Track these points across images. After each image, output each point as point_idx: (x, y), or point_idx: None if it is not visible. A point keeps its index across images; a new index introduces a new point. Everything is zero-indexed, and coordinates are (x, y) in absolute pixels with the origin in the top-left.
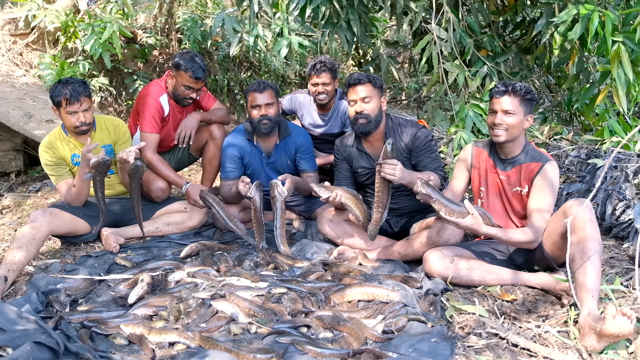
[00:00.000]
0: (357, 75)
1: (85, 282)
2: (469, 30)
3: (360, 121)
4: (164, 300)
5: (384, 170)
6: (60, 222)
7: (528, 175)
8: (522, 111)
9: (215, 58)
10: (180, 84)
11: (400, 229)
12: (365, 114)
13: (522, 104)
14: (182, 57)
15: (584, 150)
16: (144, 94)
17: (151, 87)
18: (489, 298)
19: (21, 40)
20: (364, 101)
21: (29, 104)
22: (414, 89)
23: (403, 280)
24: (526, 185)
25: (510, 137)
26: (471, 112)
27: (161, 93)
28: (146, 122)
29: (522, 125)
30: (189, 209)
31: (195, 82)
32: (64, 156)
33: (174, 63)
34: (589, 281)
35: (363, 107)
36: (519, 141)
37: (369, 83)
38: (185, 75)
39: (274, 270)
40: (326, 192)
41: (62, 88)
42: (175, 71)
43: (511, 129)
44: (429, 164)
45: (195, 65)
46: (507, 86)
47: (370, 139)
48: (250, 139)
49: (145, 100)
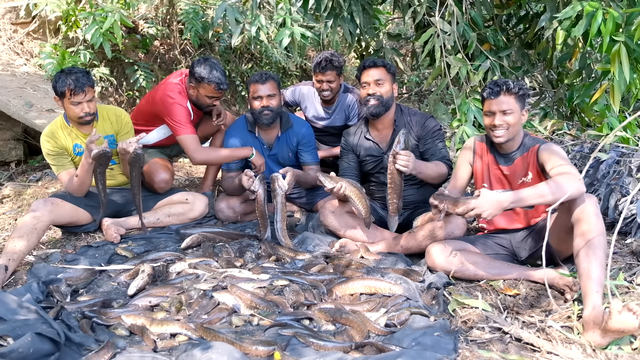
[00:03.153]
0: (372, 59)
1: (85, 272)
2: (472, 24)
3: (371, 102)
4: (165, 291)
5: (397, 160)
6: (62, 212)
7: (530, 160)
8: (519, 108)
9: (217, 49)
10: (203, 95)
11: (403, 221)
12: (378, 95)
13: (517, 101)
14: (202, 68)
15: (588, 145)
16: (167, 100)
17: (173, 94)
18: (492, 292)
19: (22, 29)
20: (377, 84)
21: (29, 93)
22: (415, 82)
23: (405, 273)
24: (530, 172)
25: (511, 135)
26: (473, 106)
27: (185, 100)
28: (185, 127)
29: (520, 121)
30: (190, 200)
31: (220, 92)
32: (65, 146)
33: (195, 75)
34: (594, 276)
35: (376, 89)
36: (519, 136)
37: (383, 67)
38: (209, 87)
39: (276, 263)
40: (331, 183)
41: (65, 78)
42: (196, 83)
43: (511, 127)
44: (437, 152)
45: (217, 76)
46: (499, 85)
47: (379, 125)
48: (251, 130)
49: (175, 108)
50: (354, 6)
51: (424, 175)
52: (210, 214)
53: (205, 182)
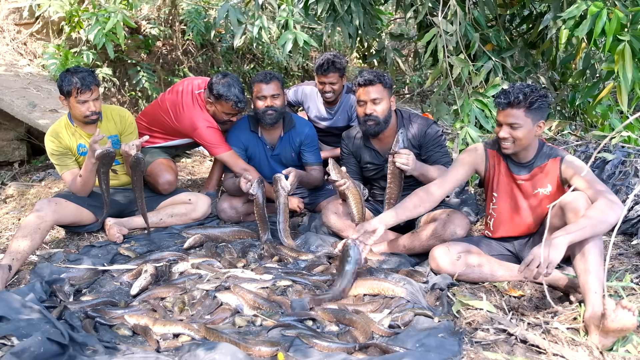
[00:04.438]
0: (368, 76)
1: (88, 272)
2: (475, 24)
3: (369, 123)
4: (168, 291)
5: (397, 159)
6: (66, 211)
7: (550, 172)
8: (530, 121)
9: (219, 50)
10: (220, 111)
11: (405, 222)
12: (374, 116)
13: (529, 114)
14: (221, 84)
15: (593, 145)
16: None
17: (199, 118)
18: (496, 293)
19: (25, 29)
20: (374, 103)
21: (32, 94)
22: (417, 82)
23: (409, 274)
24: (548, 184)
25: (519, 148)
26: (475, 108)
27: (208, 117)
28: (220, 146)
29: (531, 134)
30: (193, 200)
31: (237, 110)
32: (69, 145)
33: (213, 92)
34: (592, 276)
35: (373, 109)
36: (533, 146)
37: (380, 84)
38: (227, 105)
39: (278, 263)
40: (338, 175)
41: (72, 77)
42: (215, 99)
43: (518, 141)
44: (439, 159)
45: (235, 94)
46: (509, 96)
47: (381, 135)
48: (254, 130)
49: (206, 132)
50: (354, 7)
51: (425, 177)
52: (214, 214)
53: (210, 182)
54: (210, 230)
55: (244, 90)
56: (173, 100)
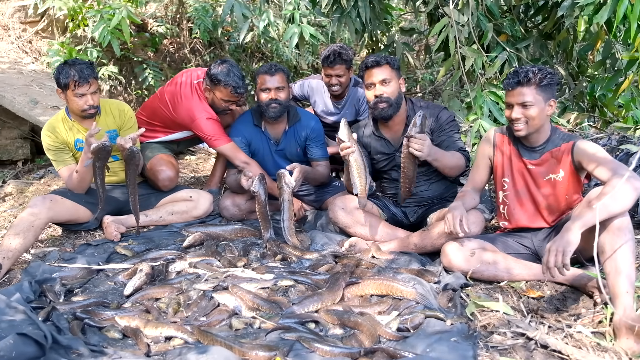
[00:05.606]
0: (374, 57)
1: (82, 272)
2: (488, 14)
3: (380, 105)
4: (163, 291)
5: (411, 144)
6: (61, 209)
7: (561, 158)
8: (542, 99)
9: (227, 48)
10: (219, 98)
11: (417, 219)
12: (386, 97)
13: (539, 92)
14: (219, 70)
15: (615, 137)
16: (194, 116)
17: (198, 109)
18: (513, 294)
19: (31, 27)
20: (383, 84)
21: (35, 91)
22: (429, 80)
23: (419, 273)
24: (560, 169)
25: (533, 129)
26: (489, 99)
27: (207, 108)
28: (220, 138)
29: (543, 114)
30: (194, 197)
31: (236, 96)
32: (66, 140)
33: (211, 77)
34: (622, 275)
35: (383, 90)
36: (545, 129)
37: (387, 65)
38: (226, 90)
39: (282, 262)
40: (346, 136)
41: (69, 69)
42: (212, 85)
43: (531, 121)
44: (452, 144)
45: (234, 79)
46: (519, 75)
47: (390, 123)
48: (258, 124)
49: (205, 124)
50: (361, 2)
51: (440, 163)
52: (216, 212)
53: (213, 179)
54: (212, 228)
55: (244, 77)
56: (172, 91)
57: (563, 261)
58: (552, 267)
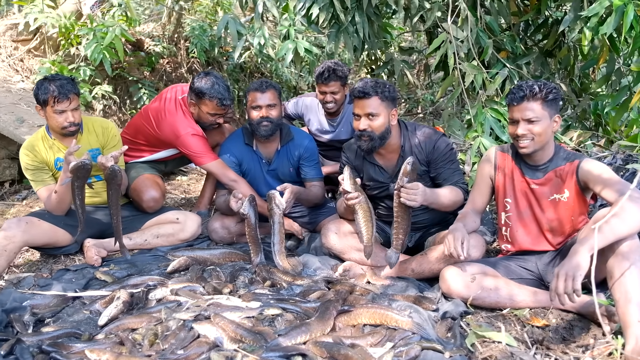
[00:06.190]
0: (362, 87)
1: (56, 299)
2: (487, 30)
3: (363, 139)
4: (140, 321)
5: (403, 195)
6: (38, 231)
7: (565, 177)
8: (548, 114)
9: (225, 68)
10: (205, 112)
11: (414, 243)
12: (369, 132)
13: (545, 107)
14: (202, 83)
15: (620, 156)
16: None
17: (182, 125)
18: (517, 323)
19: (23, 46)
20: (369, 117)
21: (22, 109)
22: (429, 100)
23: (416, 300)
24: (565, 189)
25: (539, 146)
26: (490, 117)
27: (192, 124)
28: (206, 155)
29: (549, 130)
30: (181, 219)
31: (223, 108)
32: (46, 160)
33: (195, 91)
34: (632, 303)
35: (367, 124)
36: (549, 146)
37: (376, 96)
38: (211, 103)
39: (270, 288)
40: (352, 187)
41: (48, 85)
42: (197, 99)
43: (538, 137)
44: (450, 176)
45: (219, 91)
46: (524, 89)
47: (382, 151)
48: (249, 143)
49: (190, 140)
50: (359, 17)
51: (436, 205)
52: (204, 234)
53: (202, 200)
54: (198, 252)
55: (229, 88)
56: (156, 108)
57: (573, 287)
58: (561, 293)
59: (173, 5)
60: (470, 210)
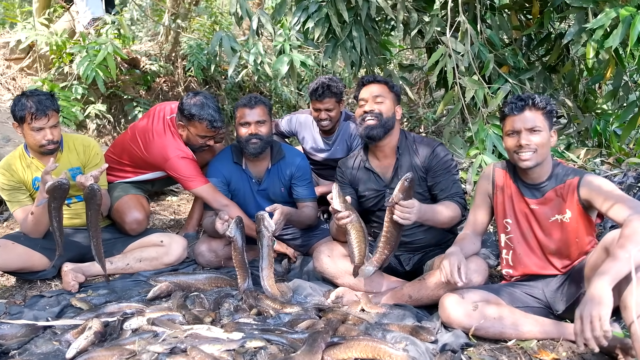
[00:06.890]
0: (373, 75)
1: (25, 329)
2: (488, 45)
3: (368, 121)
4: (111, 354)
5: (397, 213)
6: (11, 255)
7: (566, 196)
8: (547, 126)
9: (224, 87)
10: (194, 135)
11: (412, 267)
12: (376, 112)
13: (545, 119)
14: (192, 104)
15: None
16: (168, 156)
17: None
18: (523, 356)
19: (15, 64)
20: (376, 100)
21: (9, 128)
22: (432, 119)
23: (413, 331)
24: (567, 209)
25: (540, 159)
26: (491, 133)
27: (181, 146)
28: (196, 179)
29: (548, 144)
30: (166, 242)
31: (214, 131)
32: (23, 179)
33: (184, 112)
34: None
35: (374, 106)
36: (548, 162)
37: (385, 84)
38: (201, 126)
39: (256, 317)
40: (342, 205)
41: (26, 101)
42: (186, 121)
43: (540, 149)
44: (448, 188)
45: (209, 112)
46: (524, 99)
47: (379, 154)
48: (237, 162)
49: (179, 164)
50: (356, 32)
51: (431, 223)
52: (191, 258)
53: (190, 222)
54: (183, 277)
55: (220, 109)
56: (143, 127)
57: (602, 328)
58: (589, 337)
59: (170, 23)
60: (470, 232)
